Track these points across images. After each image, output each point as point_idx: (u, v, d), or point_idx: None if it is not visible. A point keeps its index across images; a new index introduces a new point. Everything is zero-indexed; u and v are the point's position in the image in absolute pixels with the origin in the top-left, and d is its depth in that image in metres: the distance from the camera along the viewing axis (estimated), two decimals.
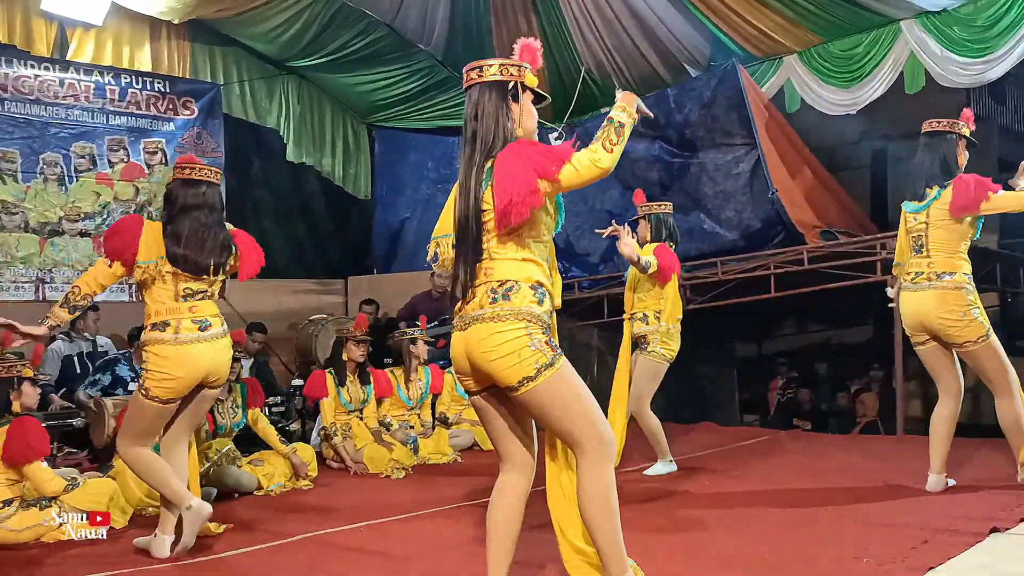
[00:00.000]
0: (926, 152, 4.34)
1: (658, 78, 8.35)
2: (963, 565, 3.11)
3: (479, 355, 2.54)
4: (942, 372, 4.37)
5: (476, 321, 2.55)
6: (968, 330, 4.16)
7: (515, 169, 2.49)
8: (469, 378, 2.65)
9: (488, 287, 2.56)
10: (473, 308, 2.57)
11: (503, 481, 2.67)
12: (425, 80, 9.22)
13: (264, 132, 9.44)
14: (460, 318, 2.60)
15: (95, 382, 5.75)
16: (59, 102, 7.72)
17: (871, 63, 7.19)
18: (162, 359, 3.60)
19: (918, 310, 4.26)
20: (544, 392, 2.50)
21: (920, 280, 4.26)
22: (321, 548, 3.78)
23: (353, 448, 5.82)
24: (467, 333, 2.57)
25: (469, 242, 2.59)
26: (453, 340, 2.63)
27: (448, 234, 2.71)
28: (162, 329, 3.62)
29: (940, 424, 4.35)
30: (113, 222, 7.86)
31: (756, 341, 10.85)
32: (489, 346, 2.51)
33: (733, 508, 4.27)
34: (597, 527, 2.53)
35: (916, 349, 4.43)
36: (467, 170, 2.62)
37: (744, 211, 7.54)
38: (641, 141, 8.17)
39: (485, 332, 2.53)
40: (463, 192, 2.61)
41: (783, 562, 3.25)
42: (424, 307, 7.62)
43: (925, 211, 4.27)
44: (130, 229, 3.69)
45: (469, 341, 2.56)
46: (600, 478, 2.52)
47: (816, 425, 8.50)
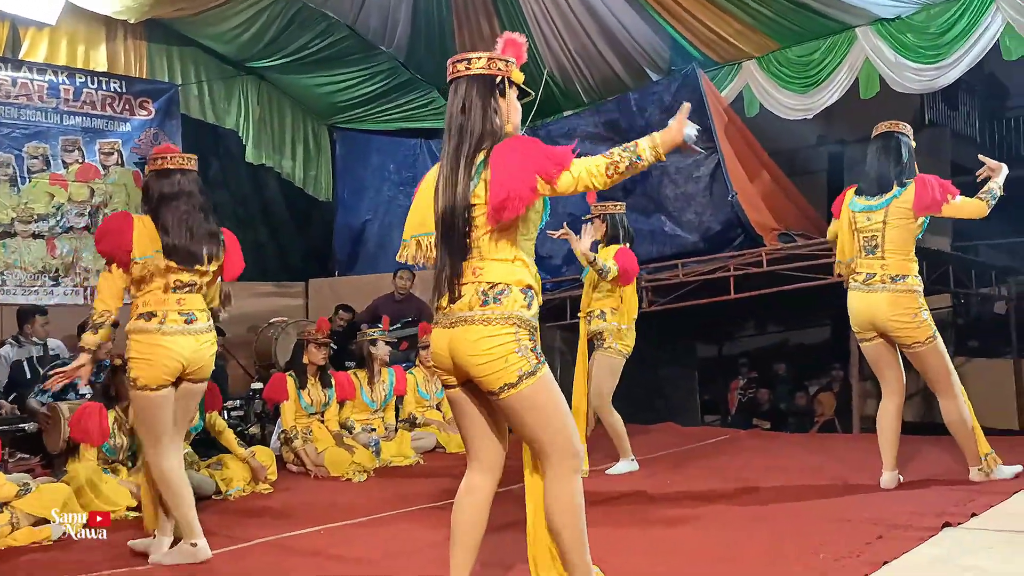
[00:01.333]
0: (882, 153, 4.38)
1: (619, 82, 8.42)
2: (917, 559, 3.17)
3: (465, 357, 2.52)
4: (886, 369, 4.45)
5: (464, 322, 2.52)
6: (918, 332, 4.24)
7: (515, 165, 2.46)
8: (449, 374, 2.61)
9: (478, 287, 2.52)
10: (462, 308, 2.52)
11: (472, 481, 2.63)
12: (387, 82, 9.18)
13: (223, 133, 9.32)
14: (445, 315, 2.55)
15: (44, 390, 5.62)
16: (11, 102, 7.54)
17: (827, 69, 7.33)
18: (144, 346, 3.54)
19: (870, 311, 4.31)
20: (523, 399, 2.49)
21: (874, 282, 4.30)
22: (282, 553, 3.74)
23: (314, 451, 5.77)
24: (454, 332, 2.53)
25: (455, 237, 2.54)
26: (435, 336, 2.60)
27: (430, 232, 2.63)
28: (147, 319, 3.57)
29: (887, 421, 4.42)
30: (67, 224, 7.78)
31: (716, 342, 10.98)
32: (478, 350, 2.49)
33: (695, 506, 4.31)
34: (563, 535, 2.52)
35: (862, 345, 4.49)
36: (453, 163, 2.56)
37: (704, 214, 7.63)
38: (603, 144, 8.19)
39: (474, 335, 2.50)
40: (448, 185, 2.55)
41: (745, 557, 3.29)
42: (386, 309, 7.59)
43: (883, 210, 4.28)
44: (120, 228, 3.62)
45: (455, 340, 2.53)
46: (567, 487, 2.52)
47: (775, 424, 8.63)
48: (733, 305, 7.82)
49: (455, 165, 2.56)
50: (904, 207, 4.24)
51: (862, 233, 4.37)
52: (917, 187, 4.22)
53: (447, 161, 2.58)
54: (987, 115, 11.11)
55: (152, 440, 3.61)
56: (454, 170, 2.55)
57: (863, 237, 4.37)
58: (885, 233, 4.28)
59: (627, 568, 2.48)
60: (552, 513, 2.52)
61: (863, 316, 4.36)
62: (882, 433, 4.44)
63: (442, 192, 2.57)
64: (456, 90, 2.63)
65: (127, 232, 3.57)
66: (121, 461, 4.96)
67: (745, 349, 10.58)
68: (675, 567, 3.21)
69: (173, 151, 3.82)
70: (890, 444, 4.40)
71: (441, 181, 2.58)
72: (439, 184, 2.58)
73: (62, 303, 7.51)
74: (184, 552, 3.56)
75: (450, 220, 2.55)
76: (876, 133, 4.46)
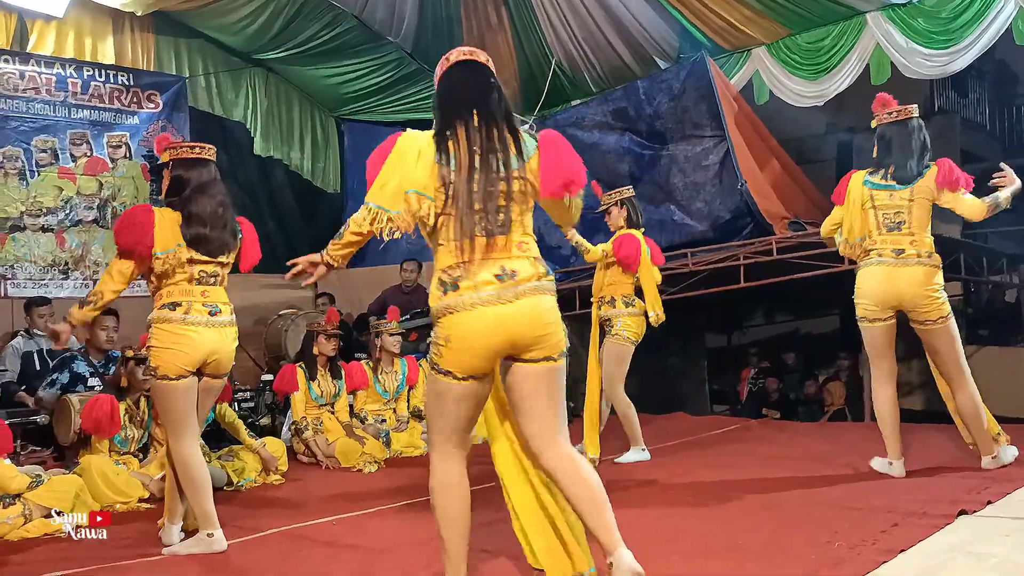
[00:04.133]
0: (905, 134, 4.38)
1: (628, 70, 8.38)
2: (933, 547, 3.15)
3: (541, 325, 2.50)
4: (887, 352, 4.45)
5: (538, 292, 2.51)
6: (944, 306, 4.30)
7: (573, 156, 2.59)
8: (486, 360, 2.51)
9: (532, 259, 2.54)
10: (529, 278, 2.50)
11: (457, 473, 2.60)
12: (394, 73, 9.15)
13: (231, 125, 9.31)
14: (505, 289, 2.45)
15: (53, 382, 5.64)
16: (19, 95, 7.54)
17: (838, 55, 7.27)
18: (167, 335, 3.54)
19: (898, 285, 4.29)
20: (559, 372, 2.57)
21: (907, 256, 4.30)
22: (295, 542, 3.74)
23: (325, 442, 5.77)
24: (522, 304, 2.47)
25: (492, 209, 2.48)
26: (489, 315, 2.44)
27: (419, 190, 2.50)
28: (172, 309, 3.57)
29: (890, 408, 4.43)
30: (76, 217, 7.79)
31: (726, 332, 10.94)
32: (552, 317, 2.54)
33: (706, 494, 4.29)
34: (593, 501, 2.53)
35: (873, 326, 4.41)
36: (489, 136, 2.52)
37: (714, 202, 7.59)
38: (611, 133, 8.20)
39: (547, 303, 2.54)
40: (489, 156, 2.50)
41: (756, 546, 3.27)
42: (394, 301, 7.58)
43: (909, 189, 4.31)
44: (141, 222, 3.55)
45: (526, 311, 2.47)
46: (575, 454, 2.58)
47: (785, 414, 8.60)
48: (743, 294, 7.79)
49: (492, 138, 2.53)
50: (928, 185, 4.29)
51: (882, 211, 4.36)
52: (940, 166, 4.28)
53: (478, 133, 2.53)
54: (997, 102, 11.03)
55: (174, 430, 3.61)
56: (490, 140, 2.52)
57: (884, 215, 4.36)
58: (912, 210, 4.31)
59: (637, 556, 2.47)
60: (577, 484, 2.52)
61: (888, 291, 4.32)
62: (888, 421, 4.43)
63: (480, 163, 2.49)
64: (474, 69, 2.66)
65: (148, 228, 3.53)
66: (132, 453, 4.98)
67: (755, 338, 10.55)
68: (686, 555, 3.19)
69: (195, 143, 3.78)
70: (897, 431, 4.41)
71: (472, 152, 2.50)
72: (463, 154, 2.49)
73: (72, 296, 7.51)
74: (201, 542, 3.57)
75: (489, 191, 2.49)
76: (899, 118, 4.42)
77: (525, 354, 2.53)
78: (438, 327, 2.53)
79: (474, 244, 2.48)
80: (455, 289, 2.47)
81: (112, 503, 4.50)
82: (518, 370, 2.55)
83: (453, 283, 2.48)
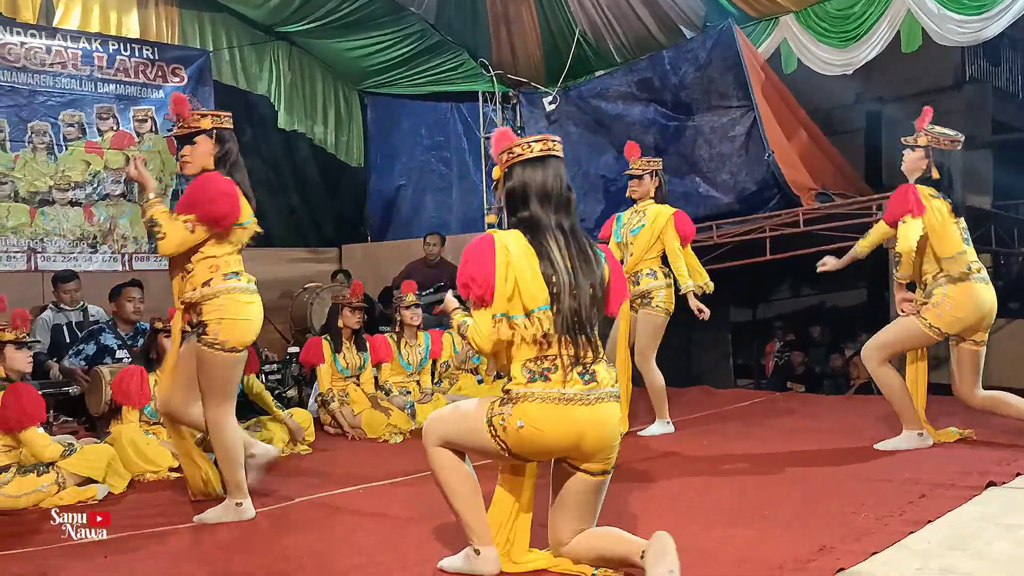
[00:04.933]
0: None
1: (653, 40, 8.26)
2: (961, 518, 3.14)
3: (607, 437, 2.60)
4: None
5: (611, 399, 2.62)
6: None
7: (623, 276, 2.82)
8: (546, 455, 2.66)
9: (605, 363, 2.65)
10: (606, 383, 2.61)
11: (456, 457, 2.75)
12: (416, 45, 9.09)
13: (255, 99, 9.32)
14: (589, 391, 2.56)
15: (79, 352, 5.72)
16: (46, 70, 7.59)
17: (868, 22, 7.11)
18: (240, 305, 3.54)
19: (993, 305, 4.37)
20: (604, 487, 2.71)
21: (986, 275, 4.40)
22: (323, 510, 3.79)
23: (351, 413, 5.82)
24: (599, 409, 2.57)
25: (591, 315, 2.61)
26: (563, 415, 2.54)
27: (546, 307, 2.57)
28: (236, 278, 3.57)
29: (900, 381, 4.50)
30: (103, 191, 7.84)
31: (750, 305, 10.87)
32: (616, 429, 2.64)
33: (731, 467, 4.29)
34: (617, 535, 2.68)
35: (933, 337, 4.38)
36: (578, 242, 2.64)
37: (739, 174, 7.50)
38: (636, 104, 8.11)
39: (617, 412, 2.65)
40: (586, 263, 2.62)
41: (782, 517, 3.27)
42: (419, 275, 7.59)
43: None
44: (231, 191, 3.51)
45: (599, 417, 2.57)
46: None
47: (810, 387, 8.55)
48: (768, 267, 7.73)
49: (582, 244, 2.65)
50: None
51: (959, 226, 4.38)
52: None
53: (569, 238, 2.63)
54: None
55: (221, 400, 3.61)
56: (583, 248, 2.65)
57: (961, 229, 4.39)
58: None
59: (662, 528, 2.48)
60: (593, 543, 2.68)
61: (991, 311, 4.37)
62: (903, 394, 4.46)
63: (582, 269, 2.61)
64: (546, 164, 2.67)
65: (236, 197, 3.52)
66: (162, 423, 5.04)
67: (780, 312, 10.47)
68: (710, 527, 3.20)
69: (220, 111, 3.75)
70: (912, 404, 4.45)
71: (568, 255, 2.60)
72: (559, 257, 2.59)
73: (101, 270, 7.60)
74: (229, 510, 3.61)
75: (591, 299, 2.61)
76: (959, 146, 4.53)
77: (584, 463, 2.62)
78: (513, 409, 2.58)
79: (563, 341, 2.57)
80: (544, 380, 2.57)
81: (142, 472, 4.57)
82: (578, 479, 2.66)
83: (543, 373, 2.57)
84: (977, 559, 2.67)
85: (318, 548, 3.17)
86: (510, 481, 2.81)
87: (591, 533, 2.69)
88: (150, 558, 3.13)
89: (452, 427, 2.72)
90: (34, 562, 2.98)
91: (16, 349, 4.17)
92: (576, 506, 2.68)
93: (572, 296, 2.56)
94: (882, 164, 9.65)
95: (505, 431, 2.57)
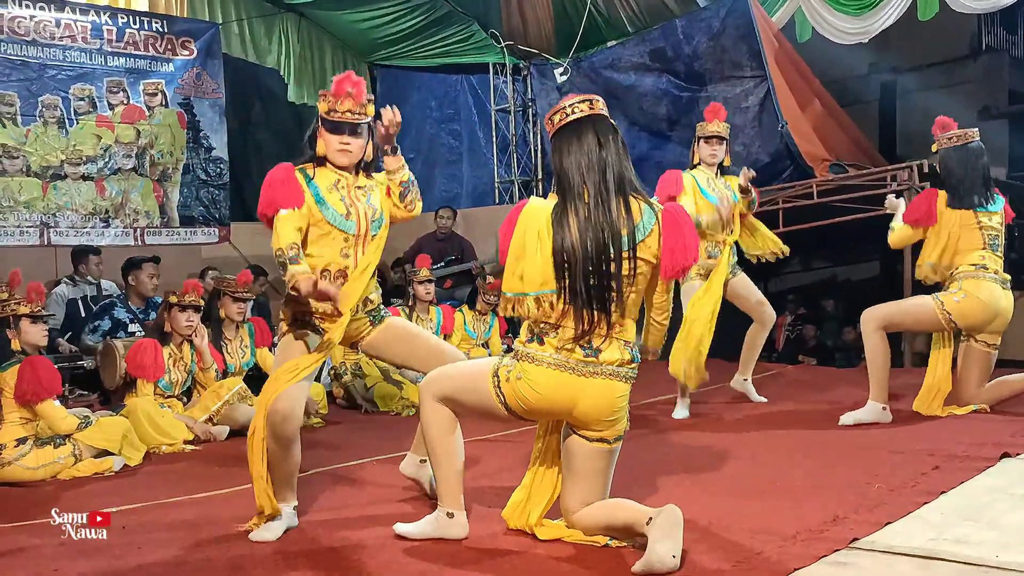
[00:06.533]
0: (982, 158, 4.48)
1: (665, 8, 8.16)
2: (974, 489, 3.13)
3: (598, 410, 2.60)
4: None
5: (613, 377, 2.60)
6: None
7: (694, 237, 2.58)
8: (544, 416, 2.70)
9: (623, 343, 2.61)
10: (613, 360, 2.59)
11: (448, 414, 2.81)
12: (426, 16, 9.03)
13: (264, 72, 9.29)
14: (586, 364, 2.57)
15: (95, 328, 5.76)
16: (56, 43, 7.57)
17: None
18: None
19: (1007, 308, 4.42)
20: (610, 453, 2.70)
21: (1007, 282, 4.45)
22: (336, 482, 3.82)
23: (363, 387, 5.85)
24: (593, 382, 2.58)
25: (604, 285, 2.54)
26: (552, 379, 2.57)
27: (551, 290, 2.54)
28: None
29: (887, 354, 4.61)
30: (115, 166, 7.84)
31: (762, 278, 10.80)
32: (616, 407, 2.63)
33: (743, 437, 4.30)
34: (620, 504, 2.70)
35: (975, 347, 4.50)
36: (603, 204, 2.54)
37: (752, 145, 7.44)
38: (648, 75, 8.03)
39: (619, 391, 2.62)
40: (603, 226, 2.52)
41: (795, 488, 3.27)
42: (429, 248, 7.59)
43: (1000, 211, 4.47)
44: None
45: (591, 391, 2.58)
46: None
47: (821, 361, 8.53)
48: (781, 239, 7.67)
49: (607, 207, 2.54)
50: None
51: (986, 231, 4.41)
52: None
53: (600, 205, 2.54)
54: None
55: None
56: (607, 211, 2.54)
57: (988, 234, 4.41)
58: (1002, 232, 4.46)
59: (674, 499, 2.50)
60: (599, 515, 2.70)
61: (1005, 313, 4.43)
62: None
63: (589, 232, 2.52)
64: (595, 125, 2.61)
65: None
66: (177, 396, 5.08)
67: (793, 285, 10.42)
68: (723, 496, 3.20)
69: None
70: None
71: (591, 226, 2.52)
72: (577, 231, 2.52)
73: (113, 244, 7.63)
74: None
75: (605, 269, 2.53)
76: (963, 141, 4.47)
77: (581, 429, 2.66)
78: (516, 365, 2.63)
79: (570, 313, 2.55)
80: (539, 343, 2.60)
81: (158, 444, 4.61)
82: (578, 441, 2.69)
83: (539, 336, 2.60)
84: (991, 530, 2.67)
85: (332, 520, 3.19)
86: (547, 442, 2.87)
87: (599, 504, 2.71)
88: (167, 529, 3.16)
89: (456, 383, 2.77)
90: (53, 532, 3.02)
91: (31, 323, 4.18)
92: (581, 473, 2.70)
93: (588, 272, 2.52)
94: (896, 135, 9.56)
95: (508, 382, 2.62)
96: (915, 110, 9.36)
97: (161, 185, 8.09)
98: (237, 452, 4.42)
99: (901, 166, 6.78)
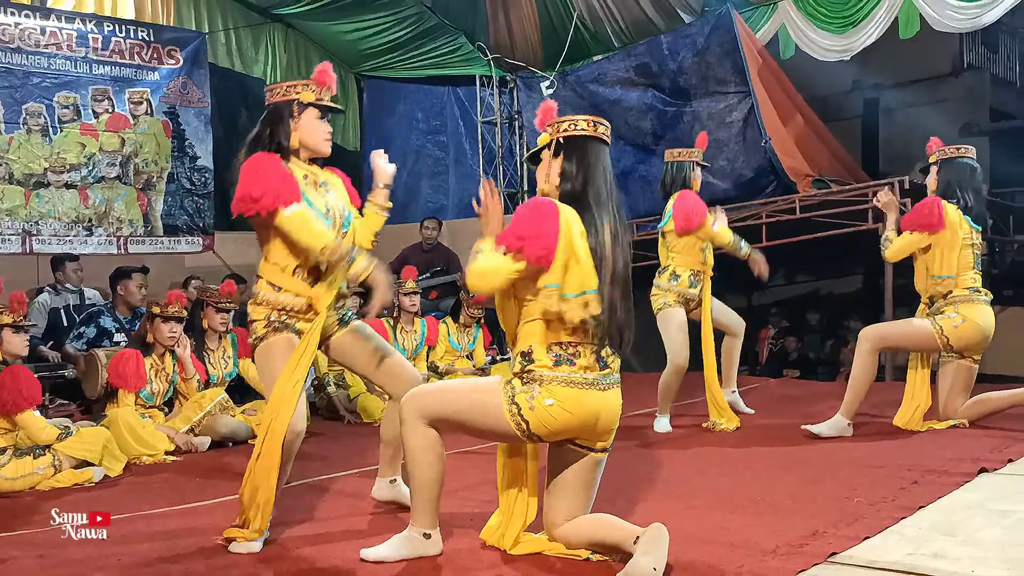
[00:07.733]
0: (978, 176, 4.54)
1: (651, 24, 8.24)
2: (952, 504, 3.16)
3: (613, 421, 2.67)
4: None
5: (617, 385, 2.69)
6: None
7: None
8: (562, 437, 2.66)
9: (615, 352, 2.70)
10: (617, 369, 2.69)
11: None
12: (413, 28, 9.06)
13: (250, 82, 9.27)
14: (604, 377, 2.62)
15: (80, 335, 5.73)
16: (40, 51, 7.53)
17: (866, 7, 7.11)
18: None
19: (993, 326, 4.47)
20: (598, 467, 2.74)
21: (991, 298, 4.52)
22: (319, 494, 3.80)
23: (346, 397, 5.84)
24: (610, 394, 2.65)
25: (623, 300, 2.66)
26: (589, 398, 2.58)
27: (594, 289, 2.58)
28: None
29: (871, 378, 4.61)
30: (99, 174, 7.80)
31: (746, 292, 10.88)
32: (619, 414, 2.70)
33: (725, 452, 4.32)
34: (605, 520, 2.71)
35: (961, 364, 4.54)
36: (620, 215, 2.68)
37: (736, 160, 7.51)
38: (634, 90, 8.10)
39: (620, 398, 2.71)
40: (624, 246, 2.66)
41: (775, 502, 3.29)
42: (415, 259, 7.59)
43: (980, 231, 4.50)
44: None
45: (612, 404, 2.65)
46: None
47: (804, 374, 8.58)
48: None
49: (625, 226, 2.70)
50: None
51: (974, 250, 4.45)
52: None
53: (617, 219, 2.65)
54: None
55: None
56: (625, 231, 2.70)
57: (975, 253, 4.46)
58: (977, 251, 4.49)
59: (655, 513, 2.51)
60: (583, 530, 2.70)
61: (992, 332, 4.47)
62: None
63: (619, 249, 2.63)
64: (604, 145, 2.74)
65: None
66: (158, 407, 5.05)
67: (776, 299, 10.49)
68: (703, 512, 3.21)
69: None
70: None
71: (613, 238, 2.62)
72: (608, 238, 2.60)
73: (96, 252, 7.59)
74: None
75: (625, 284, 2.66)
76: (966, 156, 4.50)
77: (588, 443, 2.69)
78: (542, 389, 2.57)
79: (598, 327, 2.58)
80: (570, 364, 2.59)
81: (139, 455, 4.58)
82: (570, 453, 2.71)
83: (569, 358, 2.59)
84: (968, 545, 2.70)
85: (313, 534, 3.18)
86: (511, 465, 2.85)
87: (584, 519, 2.71)
88: (148, 539, 3.14)
89: (452, 405, 2.67)
90: (33, 544, 2.99)
91: (13, 332, 4.17)
92: (575, 486, 2.72)
93: (612, 281, 2.60)
94: (879, 151, 9.65)
95: (532, 411, 2.56)
96: (898, 127, 9.47)
97: (145, 194, 8.06)
98: (218, 463, 4.43)
99: (883, 182, 6.86)
